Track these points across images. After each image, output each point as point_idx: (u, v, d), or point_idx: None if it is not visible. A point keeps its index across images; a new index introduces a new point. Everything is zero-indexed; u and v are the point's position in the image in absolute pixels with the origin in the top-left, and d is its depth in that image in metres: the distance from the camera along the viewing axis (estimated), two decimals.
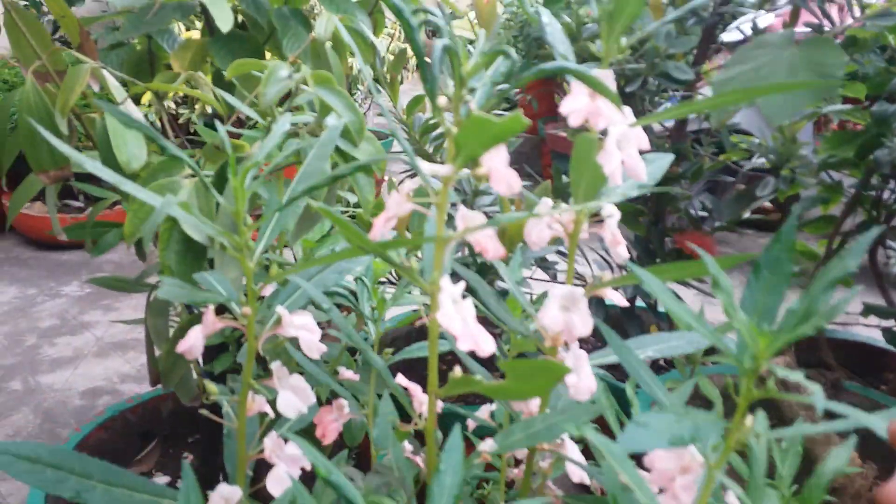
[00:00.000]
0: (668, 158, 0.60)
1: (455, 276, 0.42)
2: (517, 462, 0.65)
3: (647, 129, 1.18)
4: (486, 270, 0.93)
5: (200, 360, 0.87)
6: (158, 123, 0.81)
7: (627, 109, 0.47)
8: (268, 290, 0.56)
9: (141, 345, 1.82)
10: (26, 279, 2.17)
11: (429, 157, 1.16)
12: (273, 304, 0.45)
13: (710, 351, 1.20)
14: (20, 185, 0.81)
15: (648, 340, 0.58)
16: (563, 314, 0.50)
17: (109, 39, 1.02)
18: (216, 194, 0.39)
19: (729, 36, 1.28)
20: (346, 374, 0.74)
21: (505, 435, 0.43)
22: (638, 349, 0.58)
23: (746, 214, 1.15)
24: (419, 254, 0.55)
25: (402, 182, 0.38)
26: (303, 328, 0.45)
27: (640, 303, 1.30)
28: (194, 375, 0.97)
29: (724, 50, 1.24)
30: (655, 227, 1.22)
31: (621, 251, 0.51)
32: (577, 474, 0.52)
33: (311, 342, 0.45)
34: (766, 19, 1.36)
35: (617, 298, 0.54)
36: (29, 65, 0.66)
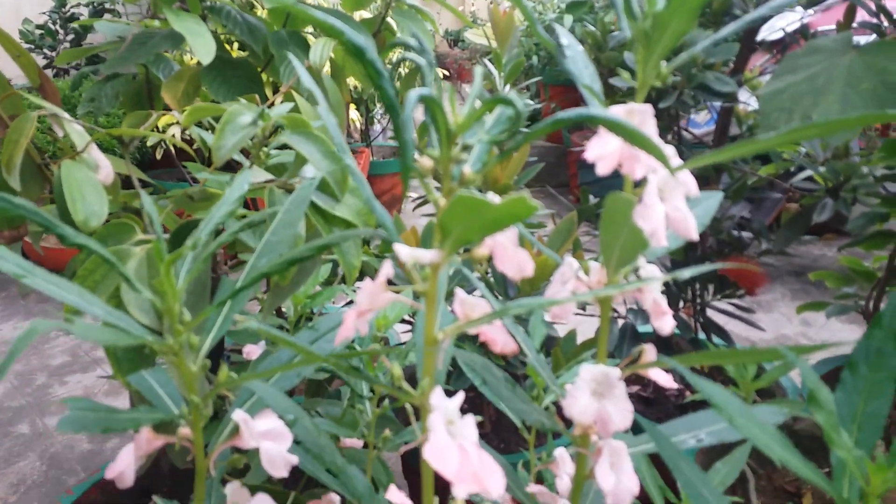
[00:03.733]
0: (717, 197, 0.50)
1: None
2: None
3: (683, 132, 1.07)
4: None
5: None
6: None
7: (671, 150, 0.37)
8: (252, 355, 0.47)
9: None
10: (41, 314, 2.13)
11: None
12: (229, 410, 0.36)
13: (764, 395, 1.09)
14: None
15: (692, 422, 0.47)
16: (595, 402, 0.40)
17: (106, 70, 0.95)
18: (151, 294, 0.30)
19: (770, 34, 1.17)
20: (348, 442, 0.65)
21: None
22: (688, 431, 0.48)
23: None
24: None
25: (383, 268, 0.28)
26: (267, 436, 0.36)
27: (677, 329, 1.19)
28: None
29: (762, 50, 1.12)
30: (694, 251, 1.11)
31: (666, 324, 0.41)
32: None
33: (277, 456, 0.36)
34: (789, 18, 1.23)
35: (664, 381, 0.44)
36: None
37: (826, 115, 0.72)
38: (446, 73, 4.02)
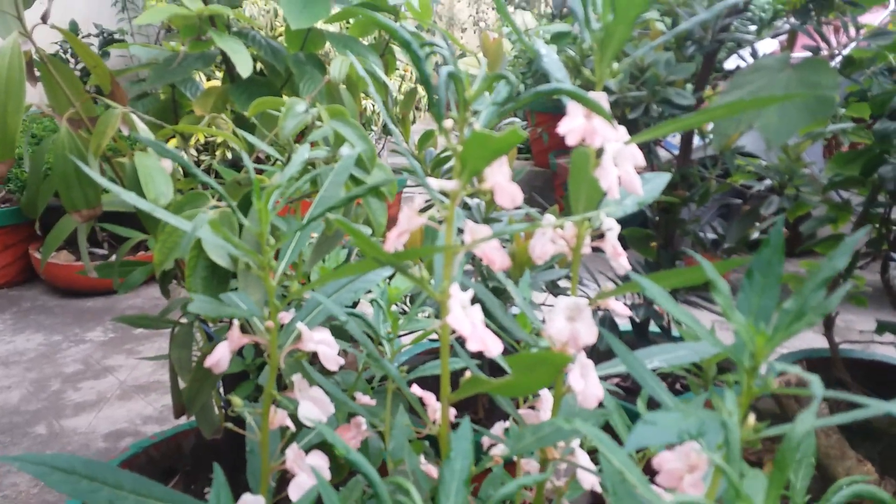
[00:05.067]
0: (664, 177, 0.62)
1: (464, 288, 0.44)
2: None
3: (653, 156, 1.20)
4: (499, 294, 0.95)
5: (222, 391, 0.89)
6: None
7: (622, 129, 0.50)
8: (285, 319, 0.58)
9: (163, 387, 1.84)
10: (52, 326, 2.22)
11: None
12: (292, 324, 0.47)
13: (722, 371, 1.20)
14: (53, 228, 0.85)
15: (655, 351, 0.59)
16: (568, 324, 0.52)
17: (135, 90, 1.08)
18: (241, 217, 0.42)
19: (730, 63, 1.32)
20: (363, 399, 0.76)
21: (516, 439, 0.44)
22: (645, 359, 0.60)
23: (756, 235, 1.16)
24: (431, 281, 0.57)
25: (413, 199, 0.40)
26: (322, 343, 0.47)
27: (654, 327, 1.31)
28: (216, 411, 0.99)
29: (728, 77, 1.27)
30: (665, 251, 1.24)
31: (623, 262, 0.53)
32: (589, 481, 0.54)
33: (330, 355, 0.47)
34: (768, 45, 1.39)
35: (620, 309, 0.56)
36: (63, 113, 0.71)
37: (766, 125, 0.86)
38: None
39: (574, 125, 0.47)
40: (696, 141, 1.28)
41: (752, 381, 0.40)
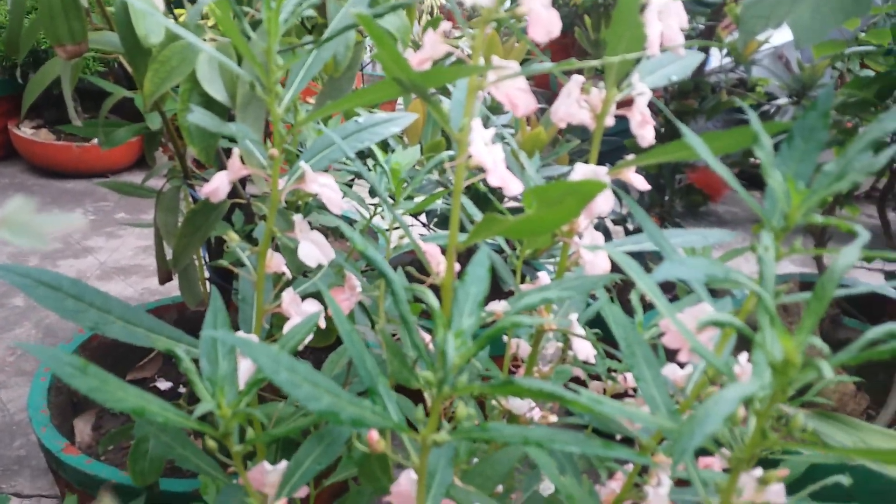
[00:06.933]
0: (699, 56, 0.59)
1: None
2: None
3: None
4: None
5: (206, 257, 0.86)
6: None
7: None
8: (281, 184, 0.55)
9: (144, 270, 1.82)
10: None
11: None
12: (295, 166, 0.44)
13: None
14: (36, 73, 0.80)
15: (668, 234, 0.57)
16: None
17: None
18: (247, 27, 0.38)
19: None
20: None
21: (519, 297, 0.43)
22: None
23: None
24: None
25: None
26: (326, 186, 0.44)
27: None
28: (200, 284, 0.97)
29: None
30: (667, 163, 1.21)
31: (647, 133, 0.50)
32: (584, 352, 0.53)
33: (334, 198, 0.44)
34: None
35: (639, 182, 0.53)
36: None
37: (798, 21, 0.82)
38: None
39: None
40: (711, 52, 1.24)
41: (781, 243, 0.38)
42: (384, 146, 0.82)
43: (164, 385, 1.07)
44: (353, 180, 1.18)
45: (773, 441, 0.28)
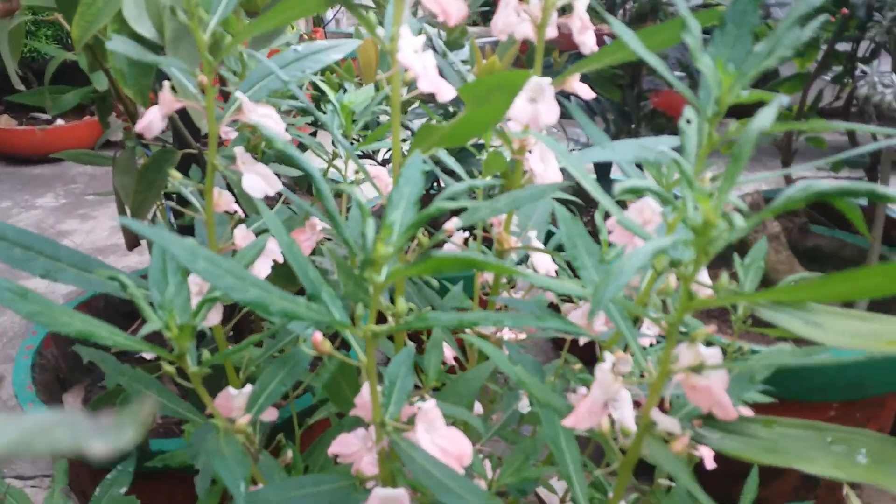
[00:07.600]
0: None
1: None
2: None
3: None
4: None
5: (172, 218, 0.86)
6: None
7: None
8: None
9: (120, 249, 1.81)
10: (0, 192, 2.13)
11: None
12: (233, 98, 0.44)
13: None
14: None
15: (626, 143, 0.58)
16: (529, 105, 0.50)
17: None
18: None
19: None
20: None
21: (471, 211, 0.43)
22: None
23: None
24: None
25: None
26: (266, 116, 0.44)
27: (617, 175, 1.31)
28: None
29: None
30: (631, 90, 1.21)
31: (588, 39, 0.50)
32: (543, 266, 0.54)
33: (276, 130, 0.44)
34: None
35: (584, 91, 0.53)
36: None
37: None
38: None
39: None
40: None
41: (714, 129, 0.39)
42: (341, 88, 0.81)
43: (150, 356, 1.08)
44: (315, 133, 1.17)
45: (701, 301, 0.29)
